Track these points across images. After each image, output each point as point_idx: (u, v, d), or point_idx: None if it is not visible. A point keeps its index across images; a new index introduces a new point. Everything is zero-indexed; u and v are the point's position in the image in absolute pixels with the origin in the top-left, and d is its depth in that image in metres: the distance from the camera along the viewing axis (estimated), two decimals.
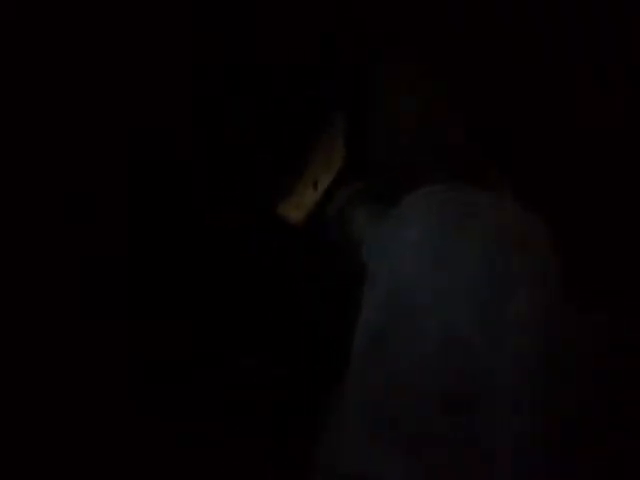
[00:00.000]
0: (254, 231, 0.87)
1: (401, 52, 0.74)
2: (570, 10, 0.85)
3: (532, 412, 0.57)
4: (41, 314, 0.85)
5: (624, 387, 0.61)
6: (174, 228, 0.89)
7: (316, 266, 0.85)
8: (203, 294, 0.88)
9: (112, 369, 0.86)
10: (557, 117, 0.85)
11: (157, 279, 0.88)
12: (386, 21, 0.86)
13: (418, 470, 0.56)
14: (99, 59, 0.87)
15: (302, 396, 0.78)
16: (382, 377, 0.60)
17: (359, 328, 0.64)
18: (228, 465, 0.76)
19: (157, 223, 0.88)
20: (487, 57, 0.81)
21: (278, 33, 0.87)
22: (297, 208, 0.80)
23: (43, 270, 0.86)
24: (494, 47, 0.84)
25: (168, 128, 0.87)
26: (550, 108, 0.85)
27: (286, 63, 0.87)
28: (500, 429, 0.56)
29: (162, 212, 0.88)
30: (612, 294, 0.69)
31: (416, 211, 0.65)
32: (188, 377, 0.86)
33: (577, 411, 0.58)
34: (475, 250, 0.61)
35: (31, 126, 0.86)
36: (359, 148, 0.75)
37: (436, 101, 0.70)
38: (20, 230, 0.85)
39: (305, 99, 0.87)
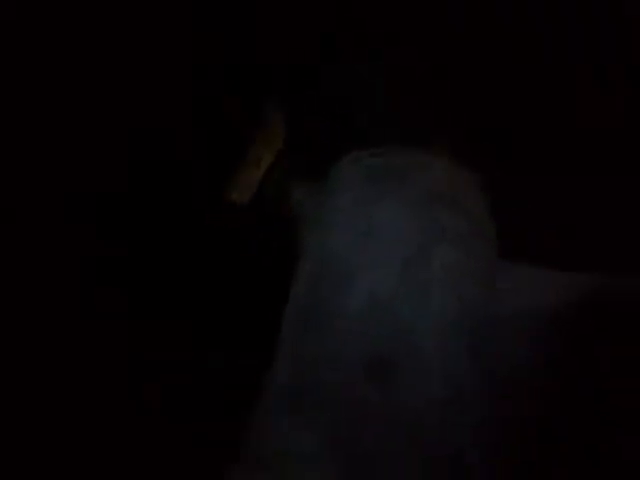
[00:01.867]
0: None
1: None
2: (570, 10, 0.85)
3: (454, 375, 0.54)
4: (40, 313, 0.85)
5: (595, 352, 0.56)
6: (172, 227, 0.88)
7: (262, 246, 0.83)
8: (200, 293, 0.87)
9: (108, 367, 0.86)
10: (556, 116, 0.85)
11: (154, 279, 0.88)
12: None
13: (338, 441, 0.53)
14: (99, 58, 0.87)
15: None
16: (305, 348, 0.58)
17: (289, 302, 0.62)
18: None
19: (156, 222, 0.88)
20: (484, 54, 0.81)
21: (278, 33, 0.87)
22: (243, 189, 0.79)
23: (42, 269, 0.86)
24: (491, 44, 0.84)
25: (168, 128, 0.87)
26: (549, 107, 0.85)
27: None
28: (421, 393, 0.54)
29: (162, 212, 0.88)
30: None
31: (344, 179, 0.64)
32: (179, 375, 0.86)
33: (513, 372, 0.55)
34: (402, 212, 0.59)
35: (30, 126, 0.86)
36: (300, 123, 0.75)
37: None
38: (19, 230, 0.85)
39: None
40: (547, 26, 0.86)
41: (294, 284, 0.63)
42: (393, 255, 0.58)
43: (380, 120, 0.74)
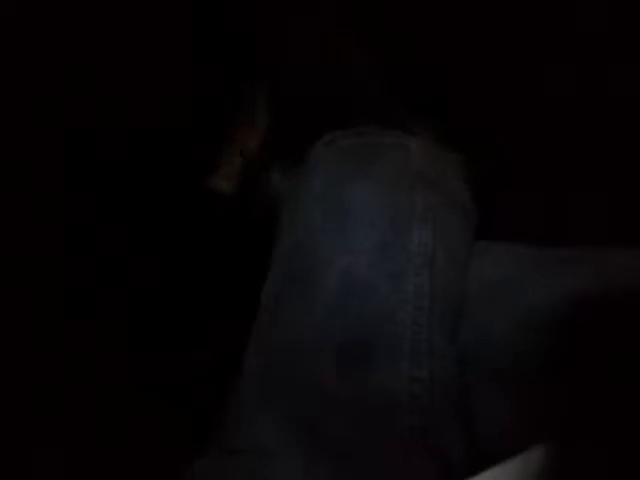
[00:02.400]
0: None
1: None
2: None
3: (430, 350, 0.53)
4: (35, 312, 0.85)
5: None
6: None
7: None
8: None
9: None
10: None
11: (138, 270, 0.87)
12: None
13: (307, 431, 0.51)
14: (98, 58, 0.86)
15: None
16: (277, 335, 0.56)
17: (264, 287, 0.60)
18: None
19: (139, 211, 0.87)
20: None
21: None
22: (227, 178, 0.79)
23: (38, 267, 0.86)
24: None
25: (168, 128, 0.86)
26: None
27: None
28: (394, 376, 0.52)
29: (144, 201, 0.87)
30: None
31: (319, 161, 0.63)
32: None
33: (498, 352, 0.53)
34: (376, 192, 0.58)
35: (28, 124, 0.86)
36: (282, 108, 0.74)
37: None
38: (18, 229, 0.85)
39: None
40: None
41: (270, 267, 0.61)
42: (367, 236, 0.57)
43: (362, 104, 0.73)
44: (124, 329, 0.87)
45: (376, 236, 0.56)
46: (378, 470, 0.50)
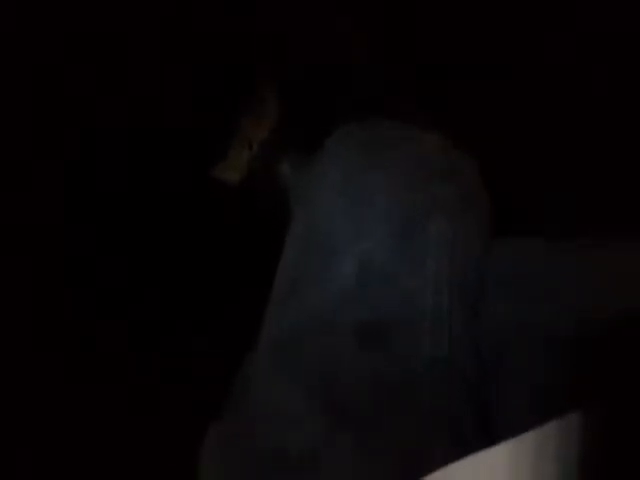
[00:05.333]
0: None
1: None
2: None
3: (450, 333, 0.55)
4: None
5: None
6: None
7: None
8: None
9: None
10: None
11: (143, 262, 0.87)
12: None
13: (325, 401, 0.53)
14: (98, 57, 0.87)
15: None
16: (294, 316, 0.58)
17: (278, 273, 0.62)
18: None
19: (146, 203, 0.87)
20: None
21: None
22: (233, 169, 0.80)
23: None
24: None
25: (157, 108, 0.87)
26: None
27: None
28: (415, 356, 0.54)
29: (151, 192, 0.88)
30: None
31: (336, 151, 0.65)
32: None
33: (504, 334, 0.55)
34: (394, 182, 0.60)
35: (28, 125, 0.86)
36: (292, 99, 0.76)
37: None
38: (18, 229, 0.85)
39: None
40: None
41: (283, 253, 0.63)
42: (385, 223, 0.59)
43: (372, 98, 0.75)
44: (125, 324, 0.87)
45: (394, 224, 0.58)
46: (396, 446, 0.52)
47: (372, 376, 0.54)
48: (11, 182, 0.87)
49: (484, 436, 0.53)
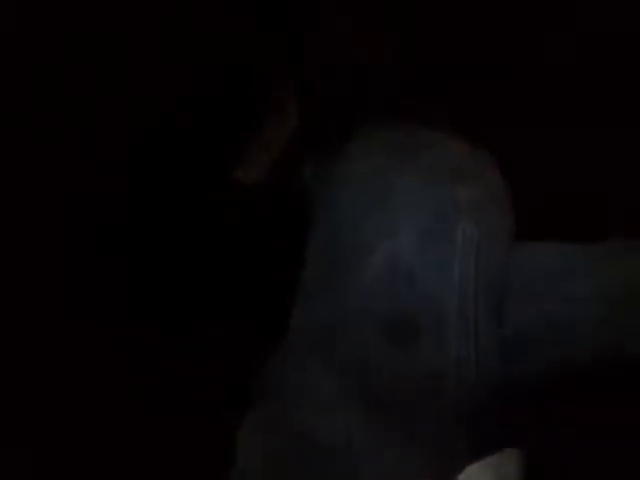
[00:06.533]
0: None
1: None
2: None
3: (475, 336, 0.56)
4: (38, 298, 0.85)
5: None
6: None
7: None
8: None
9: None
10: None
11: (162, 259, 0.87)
12: None
13: (355, 390, 0.55)
14: (98, 57, 0.86)
15: None
16: (324, 308, 0.59)
17: (303, 272, 0.63)
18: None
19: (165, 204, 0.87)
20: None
21: None
22: (255, 170, 0.80)
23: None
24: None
25: (177, 111, 0.87)
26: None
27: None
28: (442, 356, 0.55)
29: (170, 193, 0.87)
30: None
31: (360, 151, 0.66)
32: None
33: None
34: (417, 183, 0.61)
35: (28, 125, 0.86)
36: (313, 103, 0.76)
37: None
38: (18, 229, 0.85)
39: None
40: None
41: (307, 251, 0.64)
42: (412, 222, 0.60)
43: (391, 99, 0.75)
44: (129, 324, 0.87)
45: (420, 223, 0.60)
46: (423, 440, 0.54)
47: (400, 370, 0.55)
48: (11, 182, 0.86)
49: (504, 436, 0.55)
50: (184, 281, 0.85)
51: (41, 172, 0.86)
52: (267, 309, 0.69)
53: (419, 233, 0.59)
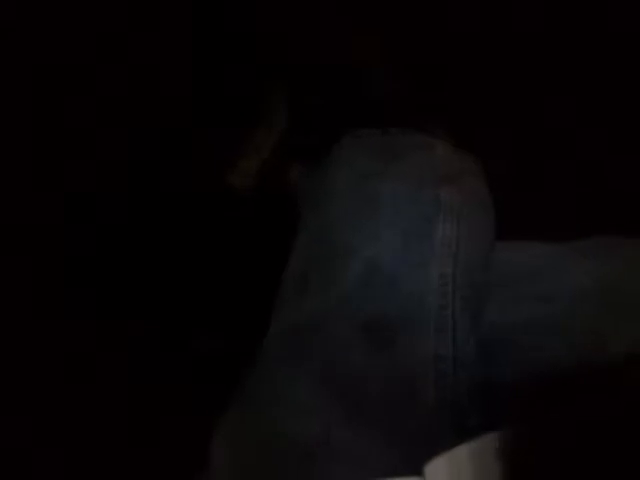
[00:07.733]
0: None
1: None
2: None
3: (453, 332, 0.56)
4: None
5: None
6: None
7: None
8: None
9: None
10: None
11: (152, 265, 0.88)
12: None
13: (334, 392, 0.54)
14: (98, 57, 0.87)
15: None
16: (305, 309, 0.59)
17: (285, 275, 0.63)
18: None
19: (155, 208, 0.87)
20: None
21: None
22: (244, 173, 0.80)
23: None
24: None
25: (168, 113, 0.87)
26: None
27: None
28: (421, 354, 0.55)
29: (160, 197, 0.87)
30: None
31: (345, 156, 0.66)
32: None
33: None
34: (402, 187, 0.61)
35: (28, 125, 0.86)
36: (301, 105, 0.76)
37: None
38: (18, 229, 0.85)
39: None
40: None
41: (291, 254, 0.64)
42: (393, 227, 0.59)
43: (380, 103, 0.75)
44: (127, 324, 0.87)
45: (402, 227, 0.59)
46: (406, 437, 0.53)
47: (380, 369, 0.55)
48: (11, 182, 0.87)
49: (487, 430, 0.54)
50: (183, 280, 0.86)
51: (41, 172, 0.87)
52: (259, 308, 0.69)
53: (400, 236, 0.59)
